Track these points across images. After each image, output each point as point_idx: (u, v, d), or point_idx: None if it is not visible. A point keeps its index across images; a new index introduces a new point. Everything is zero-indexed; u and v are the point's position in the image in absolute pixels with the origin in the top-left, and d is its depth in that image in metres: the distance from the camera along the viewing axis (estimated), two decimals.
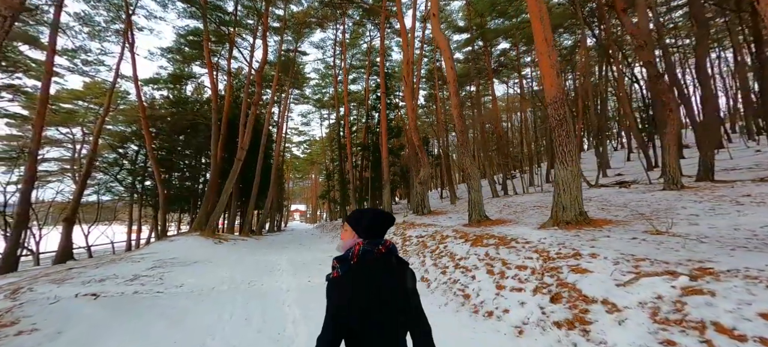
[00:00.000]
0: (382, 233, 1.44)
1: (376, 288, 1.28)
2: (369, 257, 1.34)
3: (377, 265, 1.34)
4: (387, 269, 1.35)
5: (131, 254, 11.92)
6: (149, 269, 8.36)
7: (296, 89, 30.68)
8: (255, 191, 18.52)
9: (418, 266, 6.64)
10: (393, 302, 1.29)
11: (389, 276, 1.34)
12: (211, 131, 16.65)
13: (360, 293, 1.26)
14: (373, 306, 1.26)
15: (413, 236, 8.71)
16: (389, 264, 1.37)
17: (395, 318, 1.28)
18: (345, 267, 1.34)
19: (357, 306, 1.25)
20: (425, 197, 11.76)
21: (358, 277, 1.30)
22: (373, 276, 1.31)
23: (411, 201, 18.15)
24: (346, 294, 1.27)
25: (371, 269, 1.32)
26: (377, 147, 23.91)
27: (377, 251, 1.36)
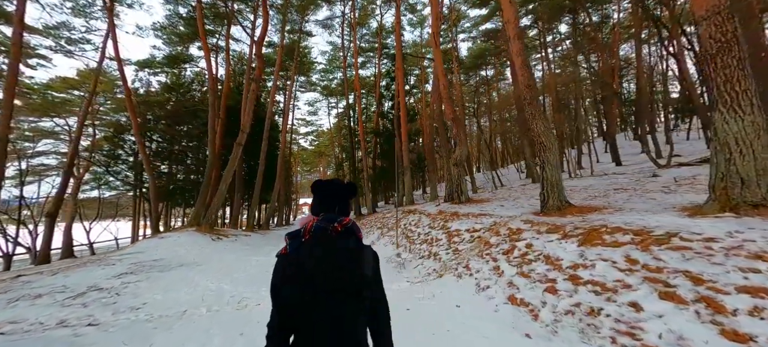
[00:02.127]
0: (340, 207, 1.22)
1: (326, 271, 1.05)
2: (322, 235, 1.11)
3: (330, 244, 1.10)
4: (341, 250, 1.10)
5: (110, 255, 9.81)
6: (115, 277, 6.19)
7: (302, 75, 28.30)
8: (259, 182, 16.31)
9: (490, 275, 4.30)
10: (345, 288, 1.06)
11: (343, 258, 1.09)
12: (208, 117, 14.40)
13: (305, 273, 1.05)
14: (320, 290, 1.04)
15: (462, 231, 6.35)
16: (345, 244, 1.12)
17: (347, 307, 1.05)
18: (294, 244, 1.11)
19: (301, 288, 1.04)
20: (462, 182, 9.38)
21: (306, 256, 1.07)
22: (324, 256, 1.07)
23: (432, 189, 15.75)
24: (290, 273, 1.06)
25: (323, 248, 1.09)
26: (391, 134, 21.50)
27: (333, 229, 1.12)
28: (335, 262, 1.08)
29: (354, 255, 1.12)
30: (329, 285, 1.05)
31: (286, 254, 1.11)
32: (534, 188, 10.80)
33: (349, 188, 1.27)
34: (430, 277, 5.16)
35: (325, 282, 1.05)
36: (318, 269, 1.05)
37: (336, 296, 1.05)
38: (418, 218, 9.18)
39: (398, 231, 8.33)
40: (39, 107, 20.04)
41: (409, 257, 6.60)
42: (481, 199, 9.69)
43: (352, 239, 1.15)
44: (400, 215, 10.90)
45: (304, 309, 1.04)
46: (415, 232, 8.03)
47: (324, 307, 1.04)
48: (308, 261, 1.06)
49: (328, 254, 1.08)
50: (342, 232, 1.13)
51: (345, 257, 1.10)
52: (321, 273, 1.05)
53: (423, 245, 6.98)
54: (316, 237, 1.11)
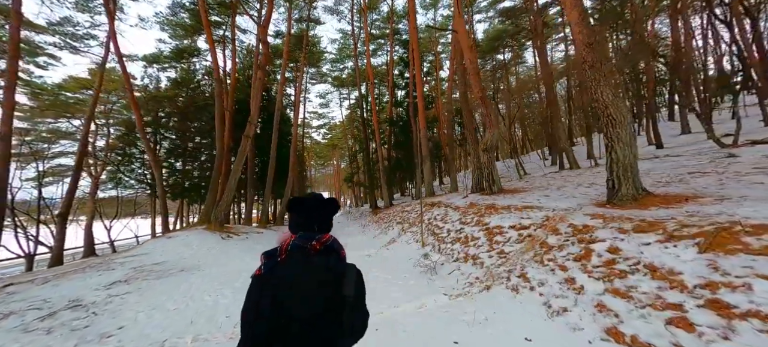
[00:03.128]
0: (319, 225, 1.13)
1: (303, 293, 0.98)
2: (299, 254, 1.04)
3: (308, 264, 1.02)
4: (320, 269, 1.02)
5: (115, 257, 9.14)
6: (105, 288, 5.37)
7: (312, 66, 27.27)
8: (270, 176, 15.48)
9: (562, 291, 3.15)
10: (323, 311, 0.96)
11: (322, 279, 1.00)
12: (215, 110, 13.58)
13: (280, 296, 0.96)
14: (296, 314, 0.95)
15: (505, 228, 5.18)
16: (324, 263, 1.04)
17: (325, 332, 0.96)
18: (269, 264, 1.04)
19: (276, 312, 0.95)
20: (493, 170, 8.14)
21: (281, 277, 1.00)
22: (301, 276, 1.00)
23: (452, 180, 14.51)
24: (264, 296, 0.98)
25: (300, 268, 1.01)
26: (406, 123, 20.26)
27: (311, 247, 1.05)
28: (313, 283, 0.99)
29: (334, 275, 1.01)
30: (306, 309, 0.96)
31: (260, 276, 1.03)
32: (574, 175, 9.45)
33: (328, 204, 1.18)
34: (474, 289, 4.04)
35: (302, 306, 0.96)
36: (294, 291, 0.97)
37: (314, 320, 0.95)
38: (444, 211, 8.05)
39: (423, 227, 7.23)
40: (53, 107, 19.84)
41: (440, 259, 5.51)
42: (515, 189, 8.44)
43: (332, 257, 1.07)
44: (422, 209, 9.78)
45: (278, 335, 0.94)
46: (444, 228, 6.91)
47: (300, 333, 0.94)
48: (283, 283, 0.98)
49: (305, 274, 1.00)
50: (321, 250, 1.06)
51: (324, 278, 1.00)
52: (297, 296, 0.97)
53: (455, 244, 5.85)
54: (293, 257, 1.03)
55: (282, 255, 1.04)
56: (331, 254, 1.08)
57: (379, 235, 10.35)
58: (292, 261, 1.03)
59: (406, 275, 5.27)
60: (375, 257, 7.12)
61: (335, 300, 0.99)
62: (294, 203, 1.17)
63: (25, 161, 19.72)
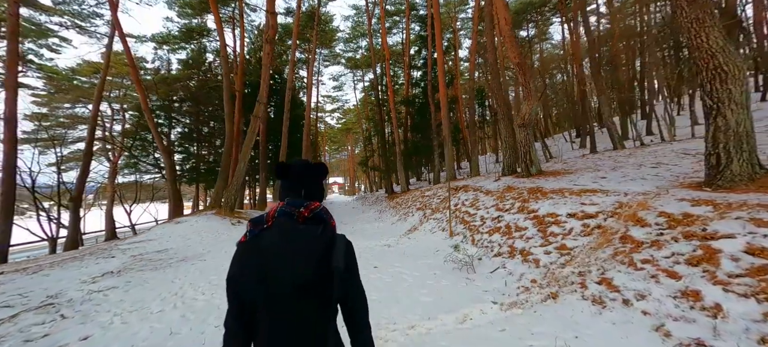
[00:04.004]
0: (308, 190, 1.02)
1: (287, 262, 0.88)
2: (285, 222, 0.94)
3: (294, 232, 0.93)
4: (307, 238, 0.92)
5: (119, 244, 8.65)
6: (92, 281, 4.73)
7: (324, 46, 26.10)
8: (283, 158, 14.72)
9: (687, 311, 2.13)
10: (309, 283, 0.87)
11: (308, 248, 0.90)
12: (223, 90, 12.80)
13: (264, 265, 0.88)
14: (281, 285, 0.87)
15: (562, 216, 4.11)
16: (312, 232, 0.93)
17: (311, 306, 0.88)
18: (254, 231, 0.94)
19: (259, 282, 0.88)
20: (531, 149, 6.99)
21: (266, 245, 0.91)
22: (287, 245, 0.90)
23: (473, 163, 13.30)
24: (247, 264, 0.90)
25: (285, 236, 0.92)
26: (424, 104, 19.00)
27: (298, 215, 0.95)
28: (299, 253, 0.90)
29: (321, 245, 0.92)
30: (292, 278, 0.87)
31: (245, 242, 0.94)
32: (624, 156, 8.16)
33: (316, 169, 1.07)
34: (533, 296, 3.06)
35: (288, 274, 0.87)
36: (279, 259, 0.89)
37: (299, 293, 0.87)
38: (473, 196, 7.01)
39: (450, 213, 6.23)
40: (65, 91, 19.68)
41: (476, 252, 4.53)
42: (556, 171, 7.28)
43: (320, 226, 0.96)
44: (446, 193, 8.76)
45: (262, 306, 0.88)
46: (476, 215, 5.89)
47: (284, 306, 0.87)
48: (268, 251, 0.90)
49: (290, 243, 0.91)
50: (309, 218, 0.97)
51: (311, 248, 0.91)
52: (283, 264, 0.89)
53: (494, 235, 4.85)
54: (279, 224, 0.94)
55: (268, 222, 0.94)
56: (319, 224, 0.96)
57: (398, 222, 9.44)
58: (278, 228, 0.93)
59: (437, 272, 4.33)
60: (395, 247, 6.21)
61: (324, 271, 0.88)
62: (280, 169, 1.05)
63: (45, 146, 19.74)
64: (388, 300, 3.44)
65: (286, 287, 0.87)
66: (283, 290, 0.87)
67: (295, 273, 0.87)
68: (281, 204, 0.99)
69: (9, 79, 9.94)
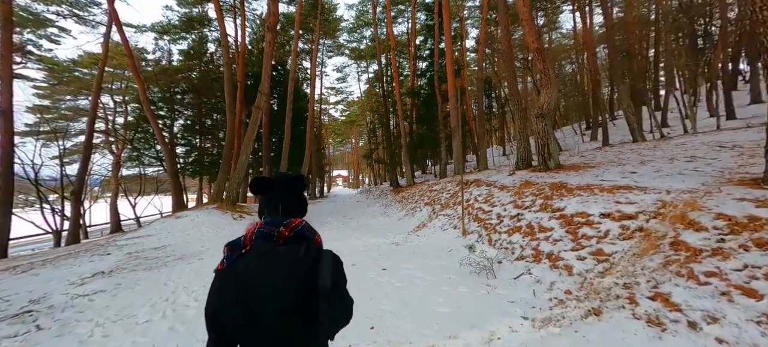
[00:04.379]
0: (286, 207, 0.97)
1: (269, 287, 0.84)
2: (264, 244, 0.89)
3: (275, 254, 0.88)
4: (289, 260, 0.87)
5: (116, 239, 8.35)
6: (80, 283, 4.40)
7: (328, 36, 25.46)
8: (285, 151, 14.35)
9: None
10: (293, 307, 0.83)
11: (291, 270, 0.86)
12: (224, 80, 12.37)
13: (244, 293, 0.84)
14: (264, 312, 0.82)
15: (595, 217, 3.65)
16: (294, 253, 0.88)
17: (297, 329, 0.83)
18: (232, 257, 0.89)
19: (241, 310, 0.83)
20: (550, 141, 6.49)
21: (244, 271, 0.86)
22: (268, 269, 0.86)
23: (481, 156, 12.79)
24: (227, 294, 0.85)
25: (265, 259, 0.87)
26: (430, 95, 18.42)
27: (278, 235, 0.90)
28: (280, 277, 0.85)
29: (304, 267, 0.86)
30: (274, 304, 0.83)
31: (222, 270, 0.89)
32: (648, 148, 7.63)
33: (295, 182, 1.01)
34: (571, 310, 2.63)
35: (269, 301, 0.83)
36: (259, 285, 0.84)
37: (284, 316, 0.83)
38: (487, 191, 6.56)
39: (464, 210, 5.80)
40: (69, 83, 19.40)
41: (495, 254, 4.10)
42: (576, 165, 6.78)
43: (303, 245, 0.90)
44: (456, 187, 8.32)
45: (245, 334, 0.84)
46: (491, 213, 5.45)
47: (266, 330, 0.83)
48: (247, 277, 0.85)
49: (270, 268, 0.86)
50: (290, 237, 0.91)
51: (293, 270, 0.86)
52: (263, 290, 0.84)
53: (514, 235, 4.41)
54: (258, 248, 0.89)
55: (246, 246, 0.89)
56: (302, 242, 0.91)
57: (405, 217, 9.04)
58: (256, 251, 0.88)
59: (451, 276, 3.92)
60: (404, 246, 5.81)
61: (308, 293, 0.83)
62: (257, 184, 0.98)
63: (48, 139, 19.54)
64: (400, 311, 3.04)
65: (267, 314, 0.82)
66: (265, 316, 0.82)
67: (277, 299, 0.83)
68: (259, 224, 0.92)
69: (4, 69, 9.59)
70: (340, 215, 11.90)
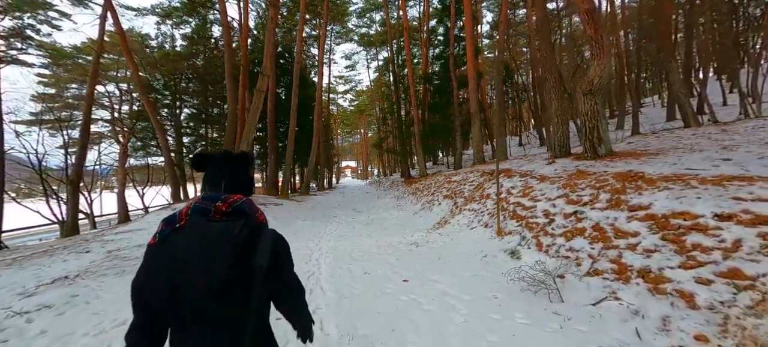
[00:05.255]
0: (229, 183, 0.90)
1: (201, 265, 0.77)
2: (199, 219, 0.83)
3: (209, 230, 0.81)
4: (223, 236, 0.80)
5: (102, 234, 7.60)
6: (42, 287, 3.66)
7: (335, 21, 24.22)
8: (291, 139, 13.42)
9: None
10: (228, 286, 0.77)
11: (226, 247, 0.79)
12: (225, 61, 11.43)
13: (174, 269, 0.78)
14: (194, 290, 0.76)
15: (709, 219, 2.55)
16: (230, 229, 0.81)
17: (231, 311, 0.78)
18: (165, 232, 0.83)
19: (169, 288, 0.77)
20: (600, 123, 5.35)
21: (176, 246, 0.80)
22: (200, 245, 0.79)
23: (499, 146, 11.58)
24: (155, 270, 0.80)
25: (198, 235, 0.80)
26: (445, 80, 17.15)
27: (215, 210, 0.84)
28: (212, 253, 0.78)
29: (239, 242, 0.79)
30: (205, 283, 0.76)
31: (153, 245, 0.83)
32: (715, 133, 6.39)
33: (239, 159, 0.96)
34: None
35: (200, 280, 0.76)
36: (188, 262, 0.77)
37: (218, 297, 0.76)
38: (523, 182, 5.48)
39: (499, 207, 4.73)
40: (72, 70, 18.80)
41: (552, 264, 3.07)
42: (632, 152, 5.63)
43: (240, 221, 0.83)
44: (480, 178, 7.25)
45: (174, 315, 0.78)
46: (535, 209, 4.39)
47: (202, 313, 0.76)
48: (177, 253, 0.79)
49: (203, 242, 0.79)
50: (228, 213, 0.84)
51: (226, 246, 0.79)
52: (192, 268, 0.77)
53: (575, 239, 3.35)
54: (192, 223, 0.82)
55: (181, 221, 0.82)
56: (241, 218, 0.84)
57: (422, 212, 8.03)
58: (190, 227, 0.82)
59: (498, 294, 2.91)
60: (425, 247, 4.82)
61: (242, 273, 0.78)
62: (197, 160, 0.93)
63: (54, 128, 19.06)
64: None
65: (200, 292, 0.76)
66: (199, 296, 0.76)
67: (210, 276, 0.76)
68: (197, 200, 0.87)
69: None
70: (349, 208, 10.97)
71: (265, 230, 0.86)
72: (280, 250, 0.87)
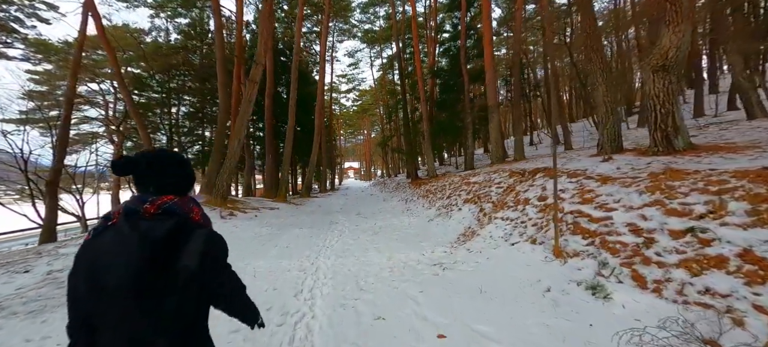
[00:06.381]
0: (159, 184, 0.86)
1: (121, 266, 0.73)
2: (127, 218, 0.79)
3: (133, 230, 0.76)
4: (146, 237, 0.75)
5: (66, 244, 6.42)
6: None
7: (338, 16, 23.06)
8: (290, 137, 12.22)
9: None
10: (145, 288, 0.72)
11: (146, 248, 0.74)
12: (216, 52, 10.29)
13: (95, 269, 0.75)
14: (114, 291, 0.72)
15: None
16: (157, 229, 0.77)
17: (152, 317, 0.73)
18: (99, 229, 0.81)
19: (91, 286, 0.75)
20: (675, 108, 4.10)
21: (101, 244, 0.78)
22: (121, 245, 0.75)
23: (517, 144, 10.30)
24: (80, 267, 0.78)
25: (123, 235, 0.76)
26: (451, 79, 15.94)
27: (145, 210, 0.80)
28: (130, 253, 0.73)
29: (165, 243, 0.75)
30: (121, 285, 0.71)
31: (86, 241, 0.81)
32: None
33: (169, 159, 0.91)
34: None
35: (123, 282, 0.71)
36: (110, 264, 0.74)
37: (135, 299, 0.71)
38: (574, 185, 4.23)
39: (556, 217, 3.48)
40: (62, 66, 17.78)
41: (666, 308, 1.82)
42: (714, 145, 4.39)
43: (170, 222, 0.79)
44: (509, 179, 6.00)
45: (94, 312, 0.75)
46: (610, 221, 3.16)
47: (119, 315, 0.72)
48: (102, 250, 0.77)
49: (125, 242, 0.74)
50: (157, 214, 0.80)
51: (146, 246, 0.74)
52: (114, 270, 0.73)
53: (708, 273, 2.10)
54: (121, 221, 0.79)
55: (114, 219, 0.80)
56: (169, 219, 0.79)
57: (438, 218, 6.80)
58: (118, 226, 0.78)
59: None
60: (453, 270, 3.60)
61: (166, 275, 0.73)
62: (120, 164, 0.84)
63: (43, 127, 18.03)
64: None
65: (117, 292, 0.71)
66: (116, 296, 0.71)
67: (123, 277, 0.71)
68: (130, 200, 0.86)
69: None
70: (352, 213, 9.75)
71: (199, 231, 0.82)
72: (209, 251, 0.81)
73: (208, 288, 0.81)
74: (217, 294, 0.86)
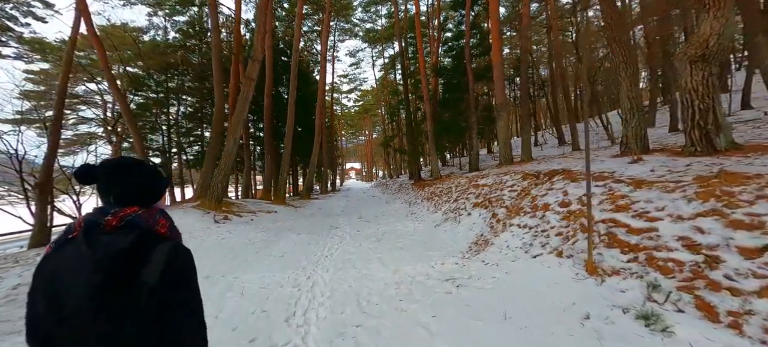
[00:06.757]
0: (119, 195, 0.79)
1: (68, 284, 0.66)
2: (87, 231, 0.72)
3: (91, 244, 0.70)
4: (105, 251, 0.68)
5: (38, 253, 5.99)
6: None
7: (339, 14, 22.64)
8: (289, 136, 11.78)
9: None
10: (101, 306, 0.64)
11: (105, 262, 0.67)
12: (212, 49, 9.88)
13: (51, 288, 0.68)
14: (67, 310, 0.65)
15: None
16: (117, 243, 0.70)
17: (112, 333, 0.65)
18: (60, 242, 0.74)
19: (47, 303, 0.67)
20: (716, 103, 3.63)
21: (61, 257, 0.71)
22: (77, 260, 0.68)
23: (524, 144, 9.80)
24: (38, 281, 0.71)
25: (79, 249, 0.70)
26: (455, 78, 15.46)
27: (106, 223, 0.74)
28: (84, 269, 0.66)
29: (126, 256, 0.69)
30: (75, 303, 0.64)
31: (46, 255, 0.75)
32: None
33: (131, 167, 0.82)
34: None
35: (73, 299, 0.65)
36: (65, 278, 0.67)
37: (91, 318, 0.64)
38: (603, 189, 3.75)
39: (590, 228, 3.01)
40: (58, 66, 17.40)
41: None
42: (759, 145, 3.91)
43: (132, 235, 0.72)
44: (523, 182, 5.53)
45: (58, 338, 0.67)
46: (656, 233, 2.68)
47: (80, 341, 0.65)
48: (59, 265, 0.71)
49: (82, 255, 0.68)
50: (119, 227, 0.74)
51: (107, 259, 0.67)
52: (67, 285, 0.66)
53: None
54: (80, 236, 0.72)
55: (75, 232, 0.74)
56: (132, 231, 0.73)
57: (445, 223, 6.34)
58: (77, 240, 0.72)
59: None
60: (469, 287, 3.14)
61: (123, 296, 0.66)
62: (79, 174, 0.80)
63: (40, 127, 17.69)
64: None
65: (71, 310, 0.64)
66: (71, 314, 0.64)
67: (77, 296, 0.64)
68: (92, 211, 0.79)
69: None
70: (353, 216, 9.30)
71: (162, 244, 0.75)
72: (172, 263, 0.73)
73: (170, 307, 0.71)
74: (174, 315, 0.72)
